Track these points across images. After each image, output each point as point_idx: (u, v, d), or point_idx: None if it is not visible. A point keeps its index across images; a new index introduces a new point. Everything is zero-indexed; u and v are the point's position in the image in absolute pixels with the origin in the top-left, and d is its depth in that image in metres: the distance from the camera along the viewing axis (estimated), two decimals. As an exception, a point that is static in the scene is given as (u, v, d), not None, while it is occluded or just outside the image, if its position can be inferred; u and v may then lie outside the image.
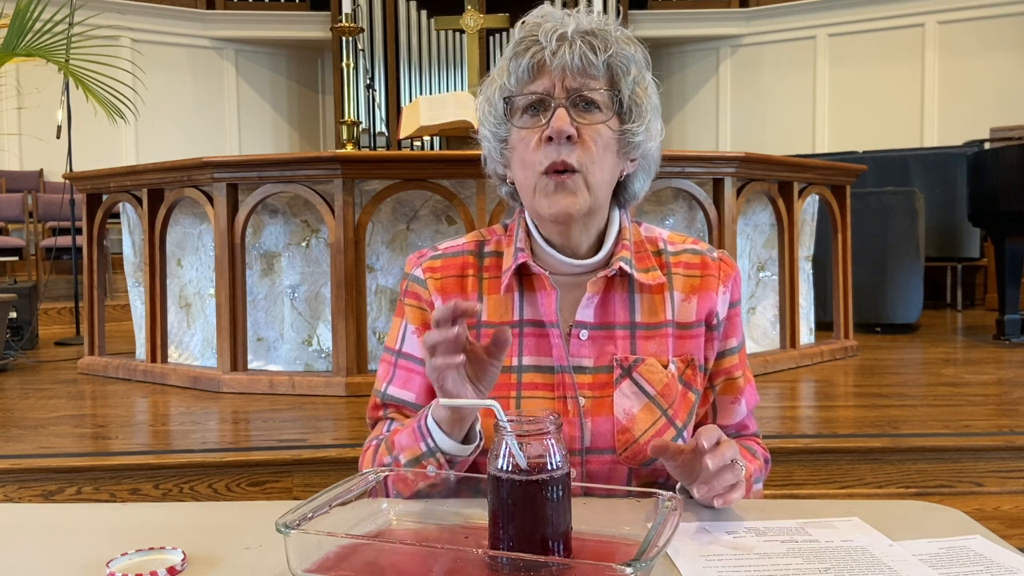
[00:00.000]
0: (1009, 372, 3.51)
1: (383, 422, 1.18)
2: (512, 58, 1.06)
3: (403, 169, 3.15)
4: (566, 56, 1.02)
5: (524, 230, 1.13)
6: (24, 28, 3.99)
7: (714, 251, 1.16)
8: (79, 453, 2.33)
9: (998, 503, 2.25)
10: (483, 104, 1.11)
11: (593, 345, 1.09)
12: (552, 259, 1.11)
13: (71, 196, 4.79)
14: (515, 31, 1.09)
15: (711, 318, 1.13)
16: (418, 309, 1.15)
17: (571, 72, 1.03)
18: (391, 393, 1.17)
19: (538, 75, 1.04)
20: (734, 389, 1.17)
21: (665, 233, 1.18)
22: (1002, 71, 8.29)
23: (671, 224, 3.49)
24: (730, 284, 1.14)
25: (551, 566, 0.73)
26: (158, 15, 8.95)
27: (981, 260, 6.06)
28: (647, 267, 1.12)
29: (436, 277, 1.14)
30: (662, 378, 1.09)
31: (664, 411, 1.09)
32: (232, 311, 3.25)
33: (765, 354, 3.62)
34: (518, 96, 1.06)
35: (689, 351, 1.12)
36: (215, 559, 0.82)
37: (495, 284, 1.12)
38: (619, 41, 1.06)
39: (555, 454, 0.79)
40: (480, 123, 1.13)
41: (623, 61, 1.05)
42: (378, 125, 8.67)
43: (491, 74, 1.11)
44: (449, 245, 1.18)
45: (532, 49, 1.04)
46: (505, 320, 1.11)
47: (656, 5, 9.30)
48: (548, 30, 1.04)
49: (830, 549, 0.83)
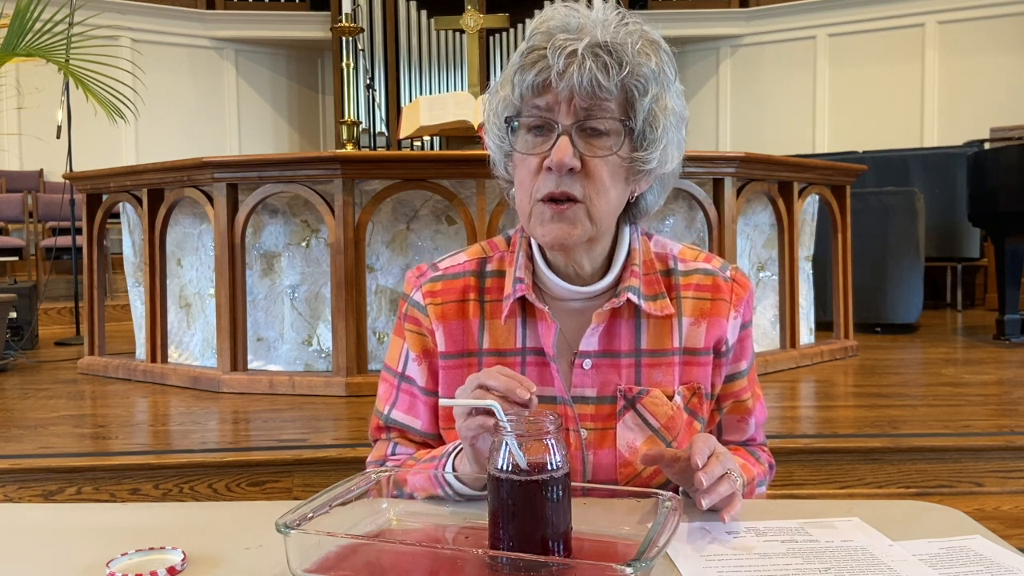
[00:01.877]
0: (1009, 372, 3.51)
1: (386, 443, 1.16)
2: (518, 70, 0.97)
3: (403, 169, 3.15)
4: (574, 78, 0.93)
5: (525, 253, 1.07)
6: (24, 28, 3.99)
7: (727, 269, 1.10)
8: (79, 453, 2.33)
9: (998, 503, 2.25)
10: (489, 114, 1.04)
11: (596, 374, 1.05)
12: (555, 286, 1.06)
13: (71, 196, 4.79)
14: (526, 32, 1.00)
15: (720, 345, 1.08)
16: (418, 335, 1.10)
17: (579, 94, 0.94)
18: (395, 418, 1.13)
19: (543, 92, 0.96)
20: (742, 410, 1.14)
21: (676, 248, 1.11)
22: (1002, 71, 8.29)
23: (671, 224, 3.49)
24: (742, 307, 1.09)
25: (551, 566, 0.73)
26: (158, 15, 8.94)
27: (981, 260, 6.06)
28: (655, 293, 1.06)
29: (436, 303, 1.08)
30: (667, 410, 1.05)
31: (668, 444, 1.05)
32: (232, 311, 3.25)
33: (765, 354, 3.62)
34: (522, 116, 0.98)
35: (696, 379, 1.07)
36: (215, 559, 0.82)
37: (497, 308, 1.07)
38: (638, 55, 0.96)
39: (555, 454, 0.79)
40: (486, 131, 1.06)
41: (640, 81, 0.96)
42: (378, 125, 8.67)
43: (496, 82, 1.03)
44: (450, 264, 1.11)
45: (539, 65, 0.95)
46: (507, 348, 1.06)
47: (656, 5, 9.31)
48: (558, 45, 0.94)
49: (830, 549, 0.83)
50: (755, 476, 1.11)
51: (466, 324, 1.08)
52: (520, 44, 1.00)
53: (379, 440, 1.17)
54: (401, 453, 1.13)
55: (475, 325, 1.07)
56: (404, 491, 0.97)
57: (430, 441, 1.13)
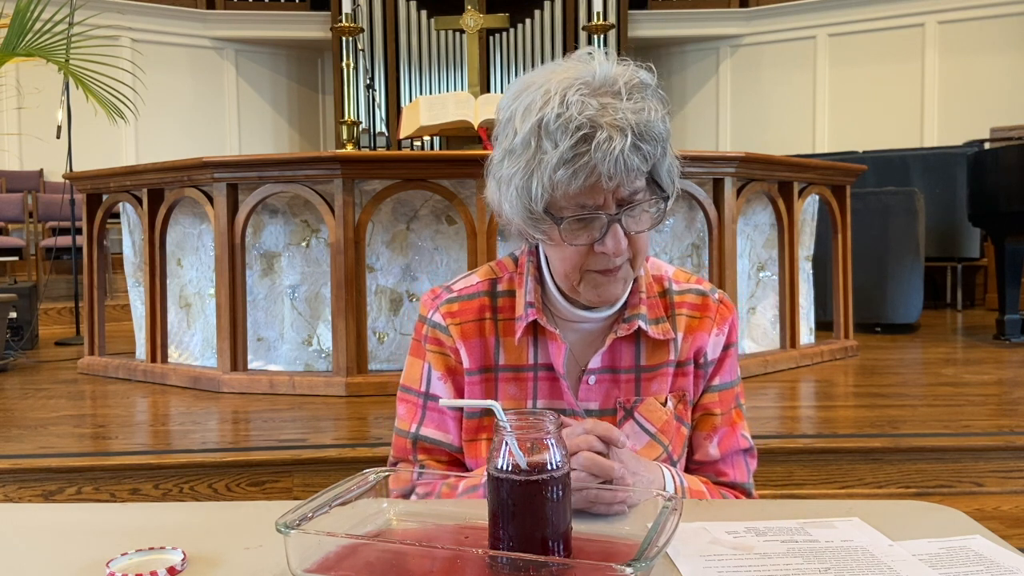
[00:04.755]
0: (1009, 372, 3.50)
1: (409, 464, 1.16)
2: (559, 166, 0.95)
3: (403, 169, 3.15)
4: (622, 176, 0.95)
5: (534, 277, 1.12)
6: (24, 28, 3.99)
7: (716, 292, 1.17)
8: (79, 453, 2.33)
9: (998, 503, 2.25)
10: (512, 187, 1.00)
11: (600, 389, 1.12)
12: (566, 310, 1.11)
13: (71, 196, 4.79)
14: (548, 108, 0.95)
15: (699, 356, 1.15)
16: (441, 355, 1.15)
17: (623, 184, 0.97)
18: (426, 434, 1.15)
19: (591, 192, 0.97)
20: (708, 426, 1.16)
21: (670, 271, 1.18)
22: (1002, 71, 8.29)
23: (671, 224, 3.49)
24: (725, 328, 1.15)
25: (551, 566, 0.73)
26: (158, 15, 8.94)
27: (981, 260, 6.06)
28: (657, 317, 1.13)
29: (456, 323, 1.13)
30: (661, 415, 1.12)
31: (665, 447, 1.12)
32: (232, 311, 3.25)
33: (765, 354, 3.62)
34: (566, 211, 0.99)
35: (682, 387, 1.14)
36: (215, 559, 0.82)
37: (509, 327, 1.13)
38: (659, 123, 0.98)
39: (555, 454, 0.79)
40: (503, 198, 1.03)
41: (661, 148, 0.99)
42: (378, 125, 8.67)
43: (520, 154, 0.99)
44: (464, 286, 1.16)
45: (586, 167, 0.94)
46: (521, 364, 1.13)
47: (656, 5, 9.30)
48: (602, 147, 0.93)
49: (830, 549, 0.83)
50: (692, 492, 1.10)
51: (484, 342, 1.13)
52: (546, 107, 0.96)
53: (403, 463, 1.17)
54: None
55: (491, 343, 1.13)
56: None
57: (460, 457, 1.15)
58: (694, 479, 1.13)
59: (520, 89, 1.00)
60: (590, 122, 0.94)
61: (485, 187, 1.09)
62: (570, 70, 0.98)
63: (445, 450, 1.15)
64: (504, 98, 1.04)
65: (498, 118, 1.05)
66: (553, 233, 1.01)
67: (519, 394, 1.13)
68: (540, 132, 0.96)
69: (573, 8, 9.00)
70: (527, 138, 0.97)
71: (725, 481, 1.17)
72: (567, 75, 0.97)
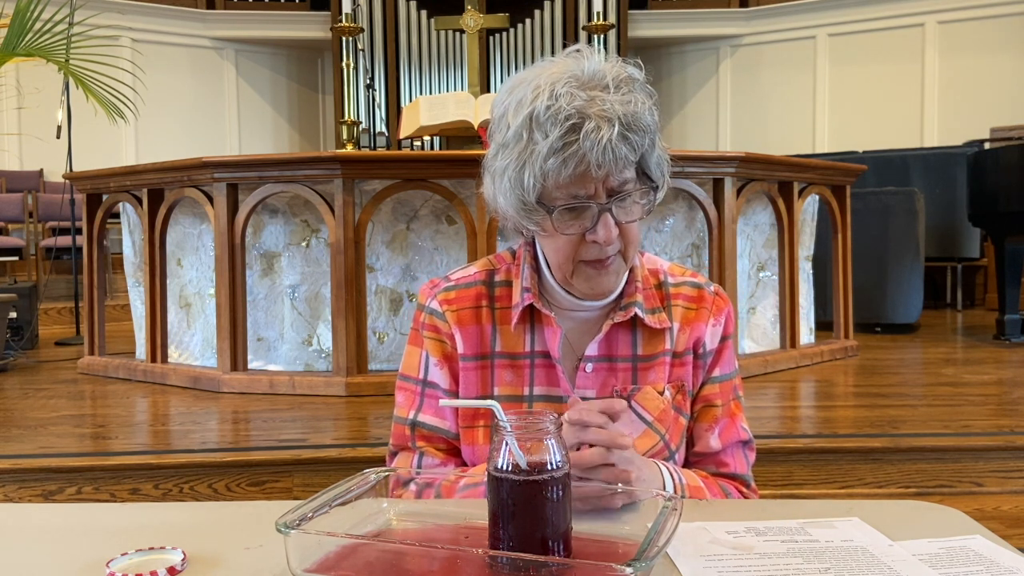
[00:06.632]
0: (1009, 372, 3.50)
1: (409, 452, 1.17)
2: (549, 155, 0.98)
3: (403, 169, 3.15)
4: (611, 165, 0.98)
5: (530, 266, 1.14)
6: (24, 28, 3.99)
7: (711, 285, 1.19)
8: (79, 453, 2.33)
9: (998, 503, 2.25)
10: (506, 178, 1.03)
11: (596, 377, 1.13)
12: (562, 299, 1.13)
13: (71, 196, 4.79)
14: (539, 102, 0.98)
15: (698, 346, 1.16)
16: (438, 342, 1.16)
17: (613, 174, 1.00)
18: (423, 421, 1.17)
19: (581, 181, 1.00)
20: (709, 417, 1.17)
21: (665, 264, 1.20)
22: (1002, 71, 8.29)
23: (671, 224, 3.49)
24: (721, 319, 1.17)
25: (551, 566, 0.73)
26: (158, 15, 8.94)
27: (981, 260, 6.06)
28: (653, 307, 1.15)
29: (453, 309, 1.15)
30: (658, 404, 1.13)
31: (662, 436, 1.12)
32: (232, 311, 3.25)
33: (765, 354, 3.62)
34: (559, 201, 1.02)
35: (681, 377, 1.15)
36: (215, 559, 0.82)
37: (506, 315, 1.15)
38: (647, 115, 1.00)
39: (555, 454, 0.79)
40: (498, 191, 1.06)
41: (649, 139, 1.02)
42: (378, 125, 8.67)
43: (512, 147, 1.01)
44: (461, 276, 1.19)
45: (576, 158, 0.97)
46: (517, 351, 1.14)
47: (656, 5, 9.30)
48: (591, 136, 0.96)
49: (830, 549, 0.83)
50: (693, 489, 1.10)
51: (480, 329, 1.15)
52: (536, 101, 0.98)
53: (402, 451, 1.19)
54: (429, 465, 1.15)
55: (488, 330, 1.15)
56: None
57: (457, 444, 1.16)
58: (691, 474, 1.13)
59: (512, 86, 1.04)
60: (579, 113, 0.97)
61: (482, 183, 1.11)
62: (560, 66, 1.01)
63: (443, 436, 1.16)
64: (498, 95, 1.07)
65: (492, 115, 1.07)
66: (546, 223, 1.04)
67: (515, 381, 1.13)
68: (531, 124, 0.99)
69: (573, 8, 9.00)
70: (519, 131, 1.00)
71: (725, 472, 1.17)
72: (557, 70, 1.01)
